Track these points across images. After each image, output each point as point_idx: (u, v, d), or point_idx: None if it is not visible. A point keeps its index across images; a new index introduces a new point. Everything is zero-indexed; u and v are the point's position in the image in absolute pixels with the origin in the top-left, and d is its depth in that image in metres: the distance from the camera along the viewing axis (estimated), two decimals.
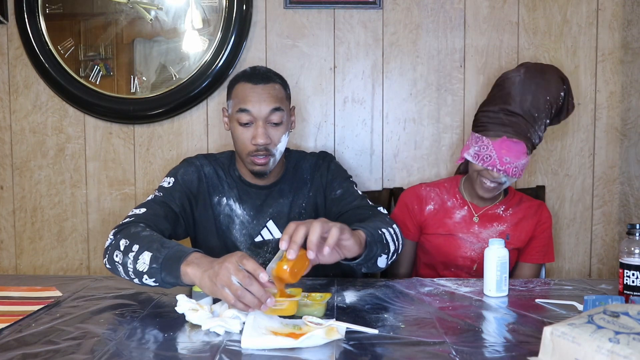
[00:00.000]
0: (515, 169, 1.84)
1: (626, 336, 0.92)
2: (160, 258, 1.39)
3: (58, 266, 2.45)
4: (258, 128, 1.69)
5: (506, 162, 1.83)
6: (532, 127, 1.86)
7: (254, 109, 1.69)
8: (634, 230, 1.41)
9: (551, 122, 1.96)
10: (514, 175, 1.85)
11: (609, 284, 1.62)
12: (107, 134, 2.41)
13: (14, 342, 1.17)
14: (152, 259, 1.40)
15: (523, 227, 1.98)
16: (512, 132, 1.84)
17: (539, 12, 2.35)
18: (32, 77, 2.38)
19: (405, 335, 1.22)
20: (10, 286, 1.58)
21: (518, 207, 2.00)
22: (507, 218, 1.98)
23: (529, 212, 2.00)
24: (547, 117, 1.89)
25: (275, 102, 1.71)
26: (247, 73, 1.76)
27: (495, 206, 2.00)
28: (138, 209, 1.66)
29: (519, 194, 2.06)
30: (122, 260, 1.46)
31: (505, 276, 1.51)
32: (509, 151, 1.83)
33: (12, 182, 2.43)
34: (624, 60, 2.35)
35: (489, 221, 1.98)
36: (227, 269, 1.24)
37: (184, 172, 1.81)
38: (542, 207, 2.02)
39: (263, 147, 1.70)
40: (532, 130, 1.86)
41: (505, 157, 1.83)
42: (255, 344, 1.14)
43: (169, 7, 2.34)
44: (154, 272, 1.39)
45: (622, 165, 2.38)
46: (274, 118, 1.71)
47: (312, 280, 1.67)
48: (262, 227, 1.81)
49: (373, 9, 2.36)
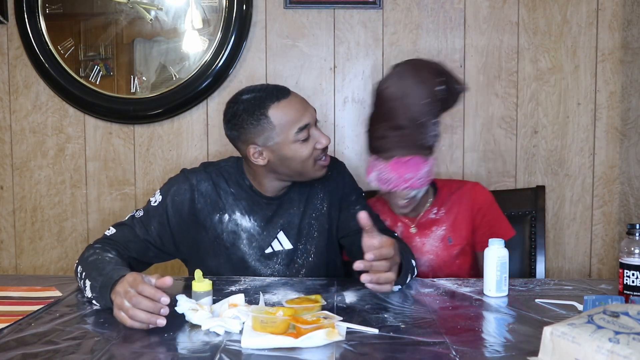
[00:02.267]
0: (420, 180, 1.74)
1: (626, 336, 0.92)
2: (97, 287, 1.39)
3: (58, 266, 2.45)
4: (316, 132, 1.63)
5: (409, 179, 1.73)
6: (421, 132, 1.72)
7: (311, 119, 1.62)
8: (634, 230, 1.41)
9: (442, 111, 1.80)
10: (421, 185, 1.75)
11: (609, 284, 1.62)
12: (107, 134, 2.41)
13: (13, 342, 1.17)
14: (91, 288, 1.41)
15: (460, 222, 1.87)
16: (403, 150, 1.72)
17: (539, 12, 2.35)
18: (32, 77, 2.39)
19: (406, 335, 1.22)
20: (10, 286, 1.58)
21: (450, 202, 1.89)
22: (442, 219, 1.88)
23: (462, 204, 1.88)
24: (433, 116, 1.74)
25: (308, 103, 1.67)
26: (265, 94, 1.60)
27: (427, 211, 1.89)
28: (111, 230, 1.65)
29: (447, 185, 1.94)
30: (78, 283, 1.51)
31: (505, 276, 1.50)
32: (406, 168, 1.72)
33: (12, 182, 2.43)
34: (624, 60, 2.35)
35: (427, 228, 1.88)
36: (119, 294, 1.27)
37: (176, 191, 1.69)
38: (474, 191, 1.90)
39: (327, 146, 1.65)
40: (422, 136, 1.72)
41: (404, 174, 1.72)
42: (255, 343, 1.14)
43: (169, 7, 2.34)
44: (98, 300, 1.39)
45: (622, 165, 2.38)
46: (316, 116, 1.67)
47: (313, 281, 1.67)
48: (273, 238, 1.73)
49: (373, 9, 2.36)
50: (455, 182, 1.96)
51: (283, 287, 1.60)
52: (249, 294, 1.51)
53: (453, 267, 1.85)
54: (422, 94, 1.70)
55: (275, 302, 1.44)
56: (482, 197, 1.89)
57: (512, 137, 2.38)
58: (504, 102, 2.38)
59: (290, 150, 1.60)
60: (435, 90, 1.71)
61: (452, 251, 1.84)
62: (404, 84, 1.71)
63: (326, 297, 1.45)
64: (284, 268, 1.74)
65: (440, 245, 1.85)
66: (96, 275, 1.41)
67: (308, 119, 1.61)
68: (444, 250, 1.84)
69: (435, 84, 1.72)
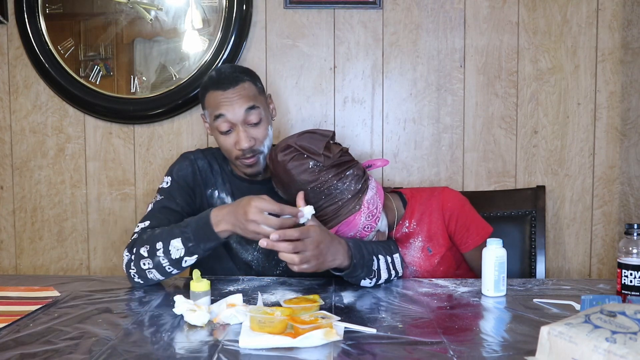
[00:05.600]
0: (366, 227, 1.66)
1: (623, 336, 0.92)
2: (190, 235, 1.52)
3: (58, 266, 2.45)
4: (239, 133, 1.69)
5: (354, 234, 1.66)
6: (334, 198, 1.63)
7: (229, 114, 1.68)
8: (632, 230, 1.41)
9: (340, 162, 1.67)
10: (371, 229, 1.67)
11: (607, 283, 1.62)
12: (107, 134, 2.41)
13: (11, 342, 1.17)
14: (183, 242, 1.52)
15: (434, 231, 1.81)
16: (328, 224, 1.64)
17: (539, 12, 2.35)
18: (32, 77, 2.39)
19: (403, 335, 1.22)
20: (9, 286, 1.58)
21: (420, 213, 1.82)
22: (415, 230, 1.81)
23: (431, 213, 1.81)
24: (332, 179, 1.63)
25: (248, 101, 1.69)
26: (213, 79, 1.73)
27: (399, 226, 1.83)
28: (142, 223, 1.67)
29: (415, 195, 1.87)
30: (154, 263, 1.54)
31: (503, 276, 1.50)
32: (347, 230, 1.65)
33: (12, 182, 2.43)
34: (624, 60, 2.35)
35: (404, 242, 1.82)
36: (255, 222, 1.43)
37: (179, 168, 1.82)
38: (441, 197, 1.82)
39: (249, 150, 1.70)
40: (337, 199, 1.63)
41: (348, 234, 1.65)
42: (253, 343, 1.14)
43: (169, 7, 2.34)
44: (194, 250, 1.52)
45: (622, 165, 2.38)
46: (251, 118, 1.70)
47: (310, 281, 1.67)
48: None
49: (373, 9, 2.36)
50: (424, 191, 1.89)
51: (281, 287, 1.60)
52: (247, 293, 1.52)
53: (437, 274, 1.81)
54: (300, 180, 1.62)
55: (273, 302, 1.44)
56: (451, 202, 1.81)
57: (512, 137, 2.38)
58: (504, 102, 2.38)
59: (215, 135, 1.76)
60: (307, 167, 1.62)
61: (433, 260, 1.80)
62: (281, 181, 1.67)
63: (324, 297, 1.45)
64: (263, 257, 1.78)
65: (422, 256, 1.80)
66: (178, 231, 1.54)
67: (228, 114, 1.69)
68: (425, 260, 1.80)
69: (304, 163, 1.63)
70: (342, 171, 1.66)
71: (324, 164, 1.63)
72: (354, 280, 1.58)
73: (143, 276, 1.57)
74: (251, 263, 1.79)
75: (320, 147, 1.63)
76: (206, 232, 1.51)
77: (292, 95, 2.39)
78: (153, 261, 1.54)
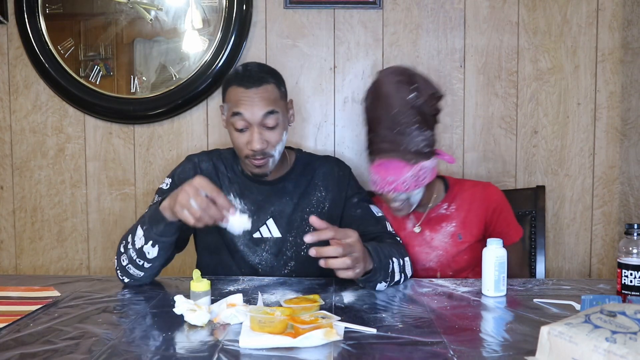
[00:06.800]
0: (404, 184, 1.74)
1: (623, 336, 0.92)
2: (146, 220, 1.55)
3: (58, 266, 2.45)
4: (253, 134, 1.67)
5: (391, 182, 1.74)
6: (404, 139, 1.73)
7: (247, 114, 1.66)
8: (632, 230, 1.41)
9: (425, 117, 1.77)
10: (407, 189, 1.75)
11: (607, 283, 1.62)
12: (107, 134, 2.41)
13: (12, 342, 1.17)
14: (142, 228, 1.55)
15: (472, 219, 1.87)
16: (383, 154, 1.75)
17: (539, 12, 2.35)
18: (32, 77, 2.39)
19: (403, 335, 1.22)
20: (9, 286, 1.58)
21: (461, 199, 1.89)
22: (453, 215, 1.88)
23: (474, 201, 1.88)
24: (413, 124, 1.73)
25: (269, 105, 1.67)
26: (239, 75, 1.71)
27: (437, 207, 1.90)
28: None
29: (459, 183, 1.95)
30: (128, 257, 1.57)
31: (504, 276, 1.51)
32: (387, 170, 1.74)
33: (12, 182, 2.43)
34: (624, 60, 2.35)
35: (437, 224, 1.88)
36: (186, 193, 1.41)
37: (181, 170, 1.83)
38: (487, 190, 1.90)
39: (259, 152, 1.68)
40: (406, 142, 1.73)
41: (387, 177, 1.74)
42: (253, 343, 1.14)
43: (169, 7, 2.34)
44: (147, 234, 1.53)
45: (622, 165, 2.38)
46: (269, 122, 1.67)
47: (311, 280, 1.67)
48: (262, 224, 1.79)
49: (373, 9, 2.36)
50: (468, 181, 1.99)
51: (281, 287, 1.60)
52: (247, 293, 1.52)
53: (461, 262, 1.86)
54: (393, 103, 1.72)
55: (273, 302, 1.44)
56: (497, 196, 1.90)
57: (512, 137, 2.38)
58: (504, 102, 2.38)
59: (229, 130, 1.73)
60: (407, 99, 1.73)
61: (460, 247, 1.85)
62: (377, 97, 1.77)
63: (324, 297, 1.45)
64: (272, 257, 1.77)
65: (450, 241, 1.85)
66: (141, 219, 1.60)
67: (246, 113, 1.66)
68: (453, 246, 1.85)
69: (406, 92, 1.73)
70: (425, 126, 1.75)
71: (419, 105, 1.73)
72: (371, 285, 1.54)
73: (127, 274, 1.60)
74: (258, 266, 1.78)
75: (428, 91, 1.75)
76: (156, 216, 1.52)
77: (292, 95, 2.37)
78: (127, 255, 1.57)
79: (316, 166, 1.86)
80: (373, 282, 1.53)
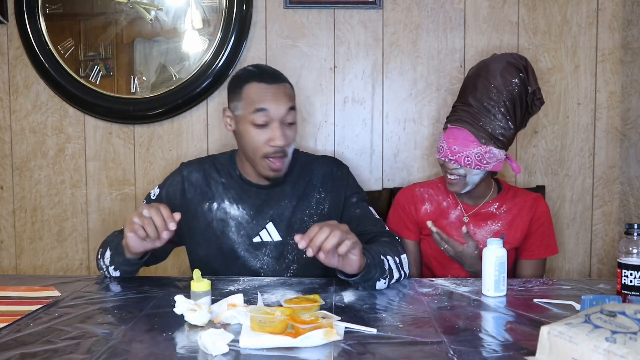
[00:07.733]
0: (467, 159, 1.80)
1: (623, 336, 0.92)
2: (114, 245, 1.65)
3: (58, 266, 2.45)
4: (276, 130, 1.66)
5: (455, 152, 1.81)
6: (486, 116, 1.80)
7: (272, 109, 1.65)
8: (632, 230, 1.41)
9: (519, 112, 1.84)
10: (467, 164, 1.80)
11: (607, 283, 1.62)
12: (107, 134, 2.41)
13: (12, 342, 1.17)
14: (109, 249, 1.66)
15: (517, 224, 1.92)
16: (457, 121, 1.83)
17: (539, 12, 2.35)
18: (32, 77, 2.39)
19: (404, 335, 1.22)
20: (9, 286, 1.58)
21: (512, 203, 1.94)
22: (501, 216, 1.93)
23: (523, 208, 1.93)
24: (501, 106, 1.80)
25: (290, 100, 1.70)
26: (255, 73, 1.71)
27: (488, 204, 1.95)
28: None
29: (513, 189, 2.00)
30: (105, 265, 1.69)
31: (504, 276, 1.50)
32: (455, 139, 1.81)
33: (12, 182, 2.43)
34: (624, 60, 2.35)
35: (483, 220, 1.94)
36: (131, 215, 1.49)
37: (170, 183, 1.84)
38: (537, 201, 1.95)
39: (281, 148, 1.67)
40: (486, 119, 1.79)
41: (453, 146, 1.81)
42: (254, 343, 1.14)
43: (169, 7, 2.34)
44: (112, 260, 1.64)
45: (622, 165, 2.38)
46: (289, 118, 1.68)
47: (311, 280, 1.67)
48: (262, 228, 1.77)
49: (373, 9, 2.36)
50: (521, 189, 2.04)
51: (282, 287, 1.60)
52: (247, 293, 1.52)
53: None
54: (492, 80, 1.81)
55: (273, 302, 1.44)
56: (543, 208, 1.96)
57: None
58: None
59: (245, 129, 1.68)
60: (510, 80, 1.80)
61: None
62: (484, 67, 1.86)
63: (324, 297, 1.45)
64: (274, 261, 1.77)
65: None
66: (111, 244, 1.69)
67: (271, 108, 1.65)
68: None
69: (512, 75, 1.81)
70: (512, 117, 1.81)
71: (518, 94, 1.81)
72: (370, 283, 1.53)
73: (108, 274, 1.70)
74: (260, 271, 1.77)
75: (533, 86, 1.83)
76: (119, 248, 1.63)
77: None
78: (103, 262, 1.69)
79: (314, 167, 1.84)
80: (370, 280, 1.52)
